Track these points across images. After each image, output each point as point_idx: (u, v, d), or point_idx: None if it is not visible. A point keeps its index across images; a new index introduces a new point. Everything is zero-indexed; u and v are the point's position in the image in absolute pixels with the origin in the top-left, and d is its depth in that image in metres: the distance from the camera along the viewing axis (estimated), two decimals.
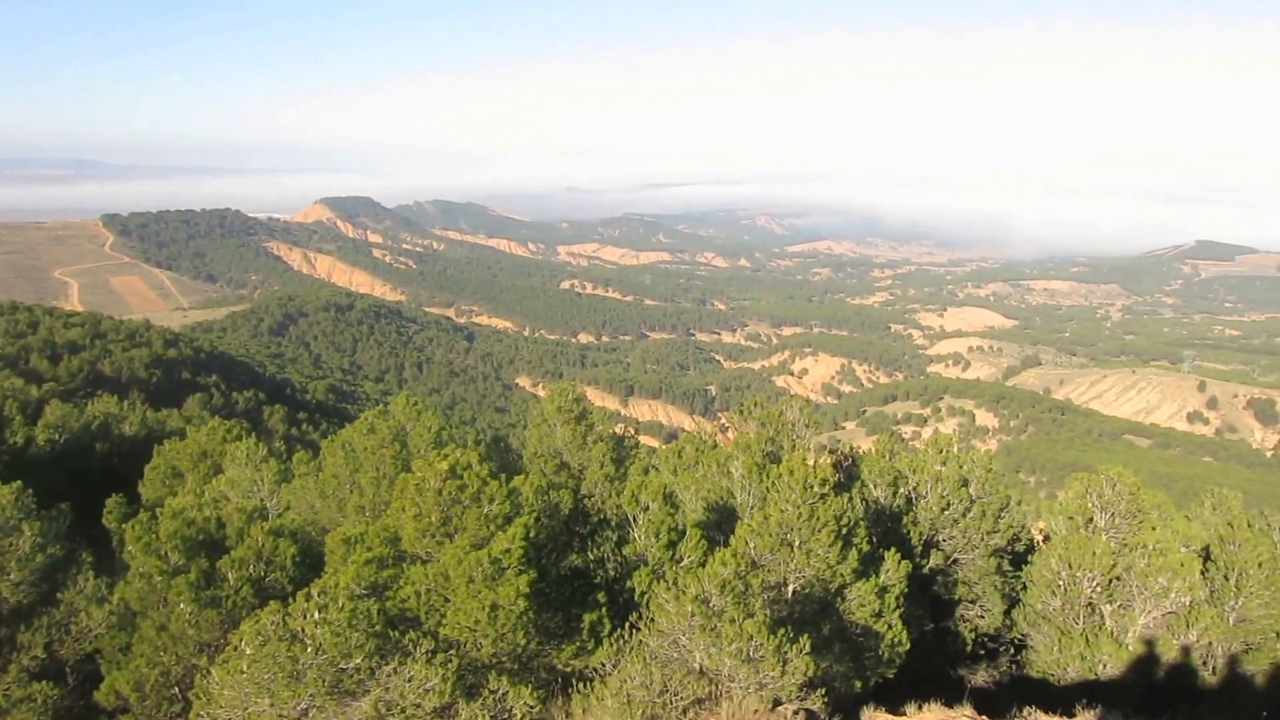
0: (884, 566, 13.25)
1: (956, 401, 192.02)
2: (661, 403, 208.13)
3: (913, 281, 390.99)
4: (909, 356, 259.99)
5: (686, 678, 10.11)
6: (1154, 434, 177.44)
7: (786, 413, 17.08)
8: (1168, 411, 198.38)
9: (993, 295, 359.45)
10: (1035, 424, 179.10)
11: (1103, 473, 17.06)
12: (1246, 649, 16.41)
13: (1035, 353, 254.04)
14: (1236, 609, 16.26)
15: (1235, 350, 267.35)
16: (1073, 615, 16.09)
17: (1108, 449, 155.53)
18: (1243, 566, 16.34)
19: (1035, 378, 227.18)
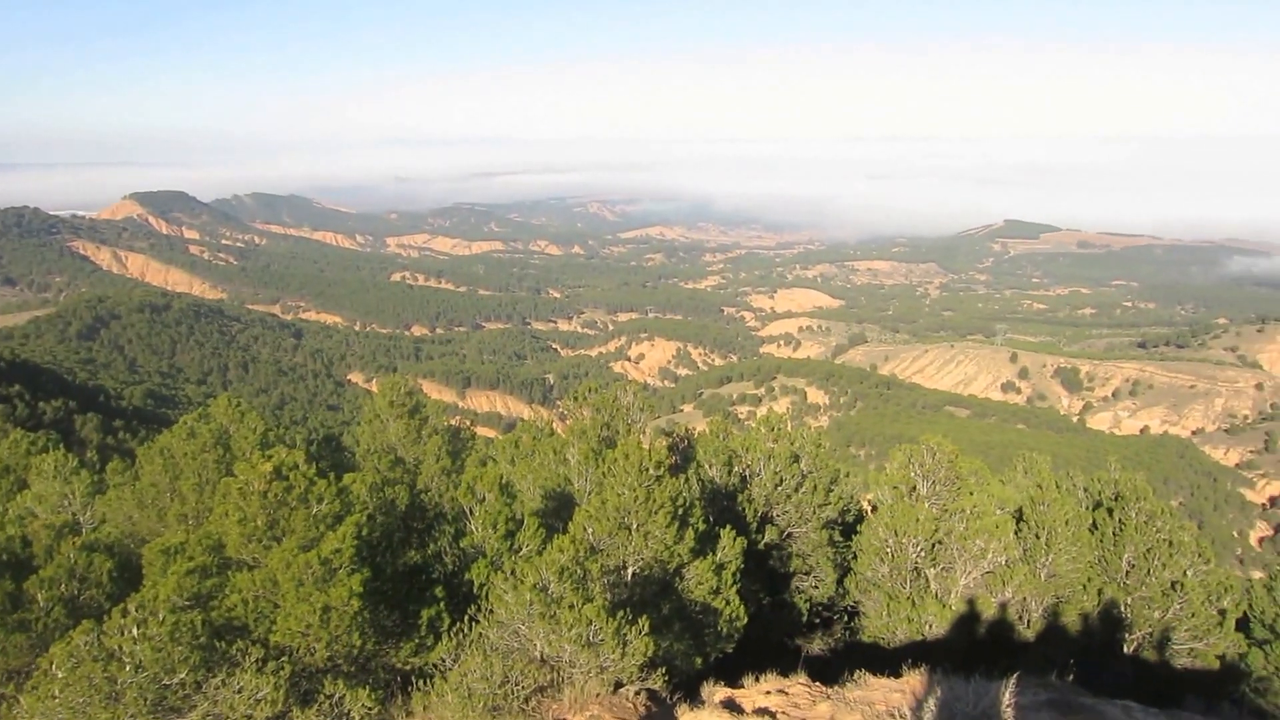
0: (720, 544, 13.50)
1: (789, 380, 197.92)
2: (499, 393, 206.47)
3: (744, 265, 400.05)
4: (742, 338, 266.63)
5: (528, 667, 10.07)
6: (972, 404, 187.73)
7: (621, 397, 17.21)
8: (984, 383, 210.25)
9: (820, 276, 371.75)
10: (863, 399, 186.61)
11: (923, 443, 17.81)
12: (1057, 602, 17.51)
13: (861, 331, 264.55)
14: (1048, 565, 17.34)
15: (1043, 323, 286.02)
16: (900, 580, 16.76)
17: (930, 420, 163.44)
18: (1052, 525, 17.45)
19: (862, 355, 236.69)
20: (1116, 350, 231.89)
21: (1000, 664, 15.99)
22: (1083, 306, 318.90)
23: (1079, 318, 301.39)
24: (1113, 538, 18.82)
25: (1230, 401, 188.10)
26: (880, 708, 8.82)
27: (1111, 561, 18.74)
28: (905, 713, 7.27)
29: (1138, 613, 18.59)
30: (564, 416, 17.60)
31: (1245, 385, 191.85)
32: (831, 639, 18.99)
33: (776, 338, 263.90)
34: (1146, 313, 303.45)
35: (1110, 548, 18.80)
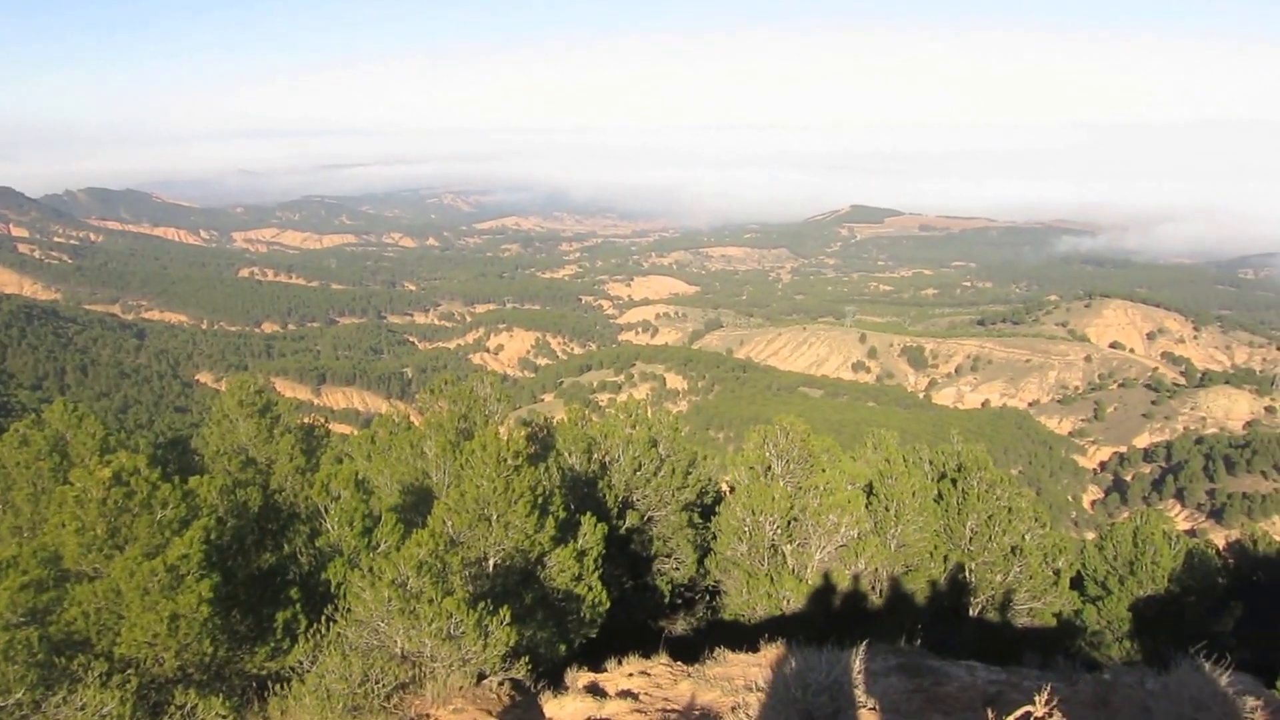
0: (582, 531, 13.59)
1: (648, 367, 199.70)
2: (356, 389, 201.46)
3: (600, 253, 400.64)
4: (601, 326, 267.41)
5: (389, 664, 9.94)
6: (825, 384, 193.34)
7: (478, 389, 17.07)
8: (835, 363, 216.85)
9: (676, 263, 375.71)
10: (721, 383, 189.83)
11: (777, 424, 18.24)
12: (906, 570, 18.25)
13: (717, 316, 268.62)
14: (897, 536, 18.06)
15: (889, 304, 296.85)
16: (758, 558, 17.15)
17: (786, 401, 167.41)
18: (900, 497, 18.17)
19: (718, 339, 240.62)
20: (958, 328, 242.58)
21: (855, 633, 16.63)
22: (926, 287, 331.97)
23: (922, 298, 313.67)
24: (957, 507, 19.74)
25: (1062, 374, 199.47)
26: (739, 682, 9.06)
27: (956, 529, 19.66)
28: (762, 686, 7.50)
29: (981, 577, 19.57)
30: (422, 410, 17.29)
31: (1075, 358, 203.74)
32: (694, 619, 19.32)
33: (635, 325, 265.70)
34: (984, 292, 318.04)
35: (955, 516, 19.71)
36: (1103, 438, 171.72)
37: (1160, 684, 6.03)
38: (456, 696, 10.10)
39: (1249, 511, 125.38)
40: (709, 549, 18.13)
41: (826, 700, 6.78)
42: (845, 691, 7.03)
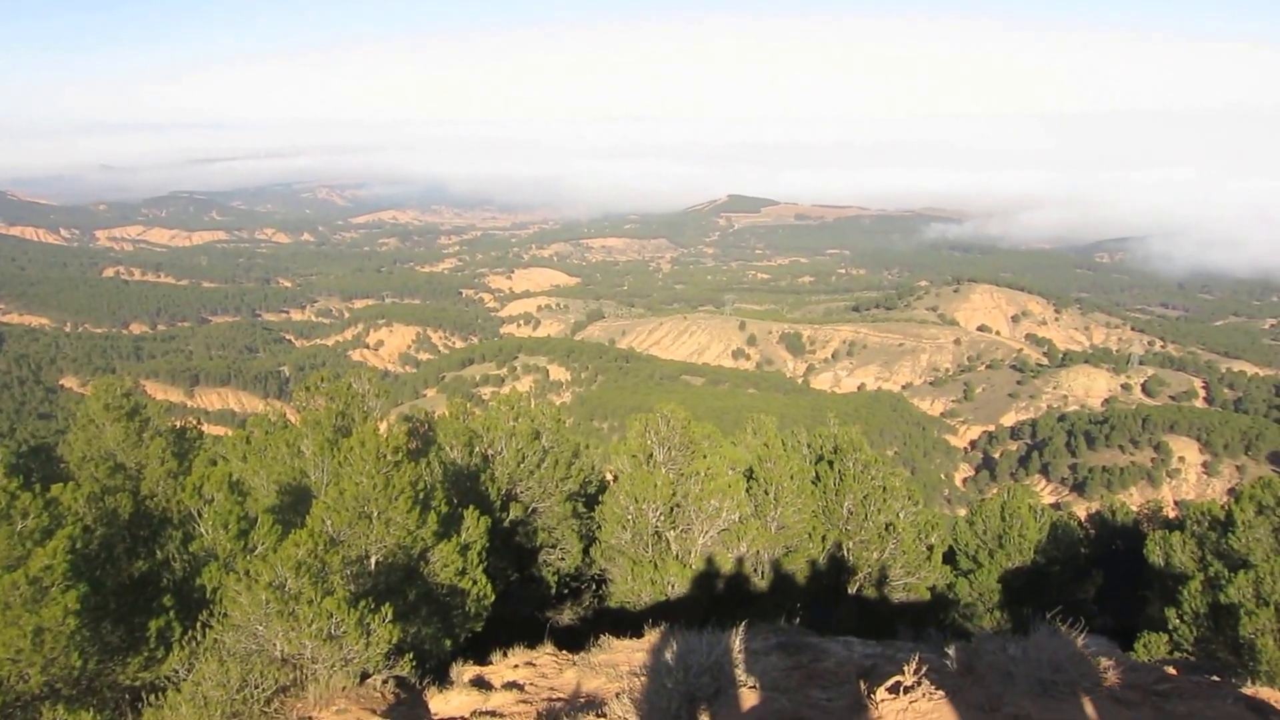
0: (465, 525, 13.48)
1: (531, 359, 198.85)
2: (232, 389, 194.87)
3: (480, 246, 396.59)
4: (482, 320, 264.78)
5: (268, 668, 9.70)
6: (706, 372, 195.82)
7: (355, 385, 16.72)
8: (716, 351, 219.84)
9: (556, 255, 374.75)
10: (604, 374, 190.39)
11: (658, 412, 18.42)
12: (787, 552, 18.65)
13: (599, 307, 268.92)
14: (777, 518, 18.43)
15: (767, 292, 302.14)
16: (642, 545, 17.30)
17: (668, 390, 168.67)
18: (779, 480, 18.55)
19: (601, 330, 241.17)
20: (834, 315, 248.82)
21: (738, 615, 16.95)
22: (802, 275, 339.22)
23: (799, 285, 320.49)
24: (834, 488, 20.26)
25: (934, 356, 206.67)
26: (624, 668, 9.16)
27: (834, 510, 20.19)
28: (645, 670, 7.62)
29: (858, 555, 20.16)
30: (299, 409, 16.86)
31: (946, 341, 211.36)
32: (581, 608, 19.39)
33: (517, 318, 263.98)
34: (858, 279, 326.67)
35: (832, 497, 20.23)
36: (972, 417, 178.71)
37: (1021, 649, 6.36)
38: (339, 697, 9.93)
39: (1108, 484, 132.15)
40: (594, 538, 18.18)
41: (708, 680, 6.93)
42: (726, 671, 7.19)
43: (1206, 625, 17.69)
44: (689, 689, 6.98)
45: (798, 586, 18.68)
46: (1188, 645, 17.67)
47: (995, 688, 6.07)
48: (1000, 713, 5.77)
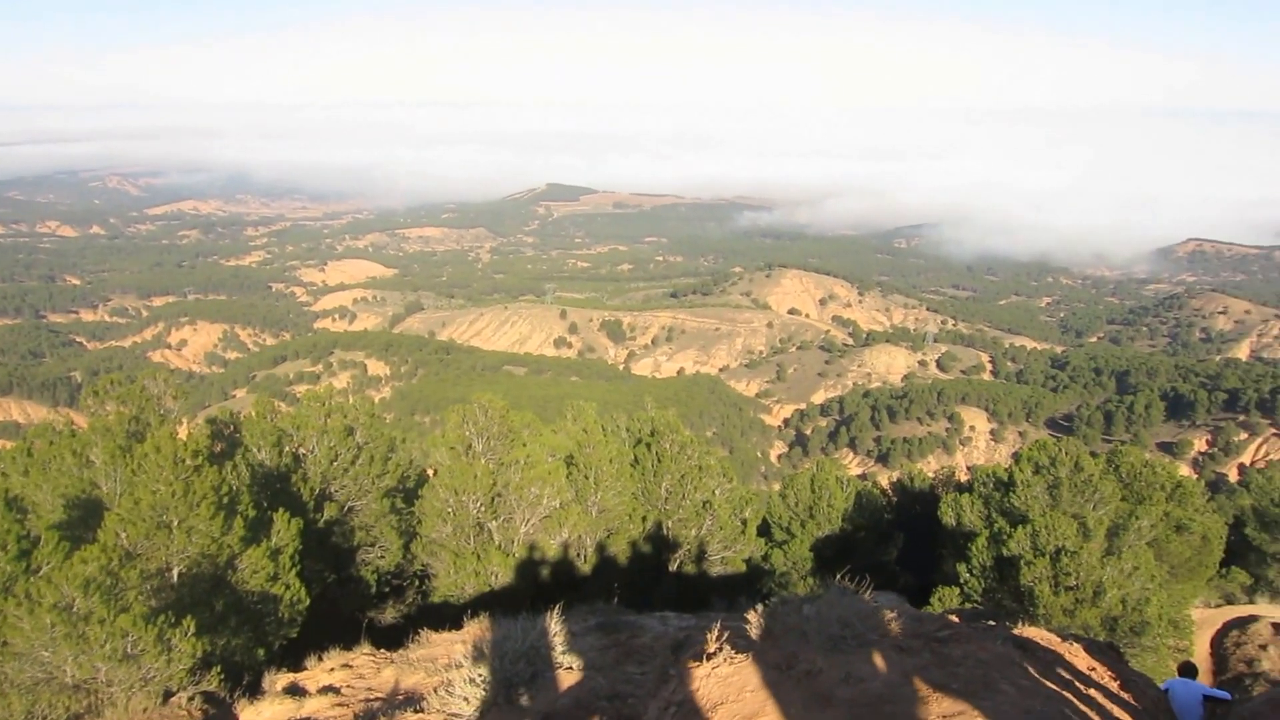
0: (275, 529, 13.04)
1: (347, 354, 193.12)
2: (14, 399, 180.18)
3: (290, 238, 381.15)
4: (295, 315, 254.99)
5: (58, 696, 9.12)
6: (529, 362, 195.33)
7: (150, 387, 15.81)
8: (538, 340, 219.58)
9: (371, 246, 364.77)
10: (424, 366, 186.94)
11: (476, 402, 18.30)
12: (609, 534, 18.93)
13: (417, 299, 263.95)
14: (597, 502, 18.69)
15: (587, 280, 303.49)
16: (464, 537, 17.18)
17: (491, 380, 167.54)
18: (599, 465, 18.81)
19: (420, 323, 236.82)
20: (653, 301, 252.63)
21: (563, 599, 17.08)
22: (621, 263, 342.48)
23: (619, 273, 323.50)
24: (652, 469, 20.69)
25: (749, 340, 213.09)
26: (443, 661, 9.10)
27: (653, 491, 20.61)
28: (463, 661, 7.58)
29: (678, 532, 20.67)
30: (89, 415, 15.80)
31: (759, 325, 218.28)
32: (405, 605, 19.12)
33: (331, 311, 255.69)
34: (676, 265, 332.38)
35: (651, 478, 20.66)
36: (785, 396, 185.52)
37: (814, 609, 6.70)
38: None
39: (909, 454, 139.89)
40: (415, 534, 17.96)
41: (524, 666, 6.98)
42: (543, 655, 7.26)
43: (993, 576, 19.06)
44: (506, 675, 7.02)
45: (620, 567, 18.99)
46: (977, 596, 18.96)
47: (791, 647, 6.37)
48: (795, 669, 6.07)
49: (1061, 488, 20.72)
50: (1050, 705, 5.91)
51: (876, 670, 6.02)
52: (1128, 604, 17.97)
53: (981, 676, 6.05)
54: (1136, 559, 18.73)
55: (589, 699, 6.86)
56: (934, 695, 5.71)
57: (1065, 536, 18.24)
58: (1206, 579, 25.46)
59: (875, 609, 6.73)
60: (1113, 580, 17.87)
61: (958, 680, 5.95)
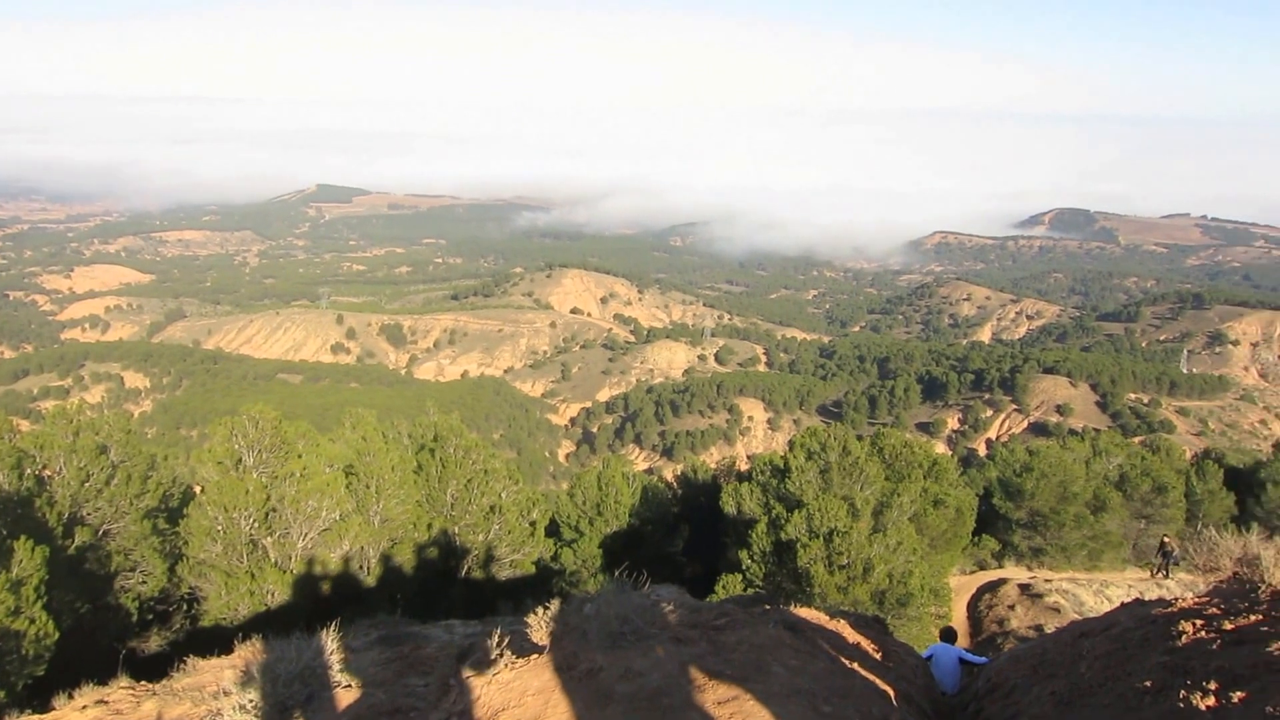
0: (16, 559, 11.97)
1: (101, 366, 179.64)
2: None
3: (29, 242, 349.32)
4: (38, 325, 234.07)
5: None
6: (305, 369, 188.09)
7: None
8: (314, 346, 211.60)
9: (125, 250, 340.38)
10: (190, 377, 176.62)
11: (245, 414, 17.44)
12: (393, 544, 18.46)
13: (179, 306, 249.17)
14: (380, 512, 18.19)
15: (364, 283, 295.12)
16: (236, 556, 16.32)
17: (264, 390, 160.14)
18: (380, 474, 18.29)
19: (183, 331, 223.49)
20: (434, 304, 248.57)
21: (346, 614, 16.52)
22: (399, 265, 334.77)
23: (397, 276, 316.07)
24: (437, 475, 20.35)
25: (532, 340, 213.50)
26: (211, 689, 8.58)
27: (438, 497, 20.28)
28: (232, 688, 7.18)
29: (465, 538, 20.42)
30: None
31: (542, 325, 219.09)
32: (171, 632, 18.02)
33: (80, 321, 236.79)
34: (456, 267, 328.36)
35: (436, 484, 20.32)
36: (571, 395, 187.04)
37: (594, 608, 6.77)
38: None
39: (692, 446, 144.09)
40: (181, 555, 16.93)
41: (299, 687, 6.69)
42: (319, 674, 6.98)
43: (773, 561, 19.89)
44: (279, 699, 6.71)
45: (407, 577, 18.58)
46: (759, 580, 19.74)
47: (572, 647, 6.41)
48: (577, 669, 6.11)
49: (832, 471, 21.86)
50: (817, 682, 6.22)
51: (655, 663, 6.14)
52: (894, 578, 19.13)
53: (755, 660, 6.29)
54: (900, 535, 20.00)
55: (369, 715, 6.64)
56: (710, 683, 5.88)
57: (837, 518, 19.24)
58: (961, 548, 27.47)
59: (654, 603, 6.87)
60: (880, 556, 18.99)
61: (732, 666, 6.16)
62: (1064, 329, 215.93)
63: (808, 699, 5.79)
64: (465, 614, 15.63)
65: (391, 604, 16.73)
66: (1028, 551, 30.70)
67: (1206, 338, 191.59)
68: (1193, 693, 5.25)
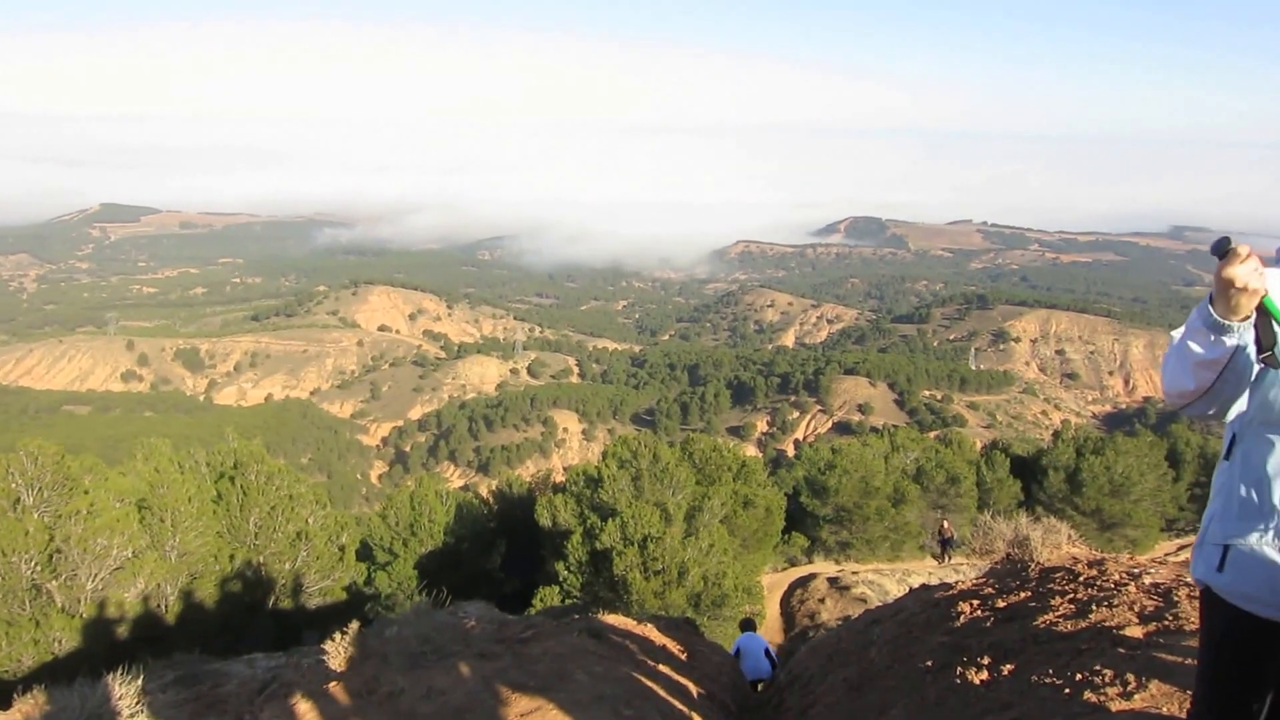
0: None
1: None
2: None
3: None
4: None
5: None
6: (93, 399, 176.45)
7: None
8: (103, 375, 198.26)
9: None
10: None
11: (22, 450, 16.35)
12: (193, 579, 17.61)
13: None
14: (177, 546, 17.31)
15: (156, 307, 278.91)
16: (17, 603, 15.26)
17: (49, 423, 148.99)
18: (175, 506, 17.41)
19: None
20: (233, 326, 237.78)
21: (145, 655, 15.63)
22: (194, 286, 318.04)
23: (192, 298, 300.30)
24: (238, 504, 19.55)
25: (339, 360, 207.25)
26: None
27: (240, 526, 19.47)
28: None
29: (272, 568, 19.67)
30: None
31: (349, 344, 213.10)
32: None
33: None
34: (255, 287, 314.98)
35: (237, 513, 19.51)
36: (382, 415, 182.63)
37: (395, 630, 6.68)
38: None
39: (508, 461, 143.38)
40: None
41: None
42: None
43: (589, 571, 20.08)
44: None
45: (209, 612, 17.81)
46: (576, 591, 19.89)
47: (373, 671, 6.31)
48: (377, 693, 6.02)
49: (644, 479, 22.26)
50: (620, 686, 6.35)
51: (458, 681, 6.11)
52: (708, 579, 19.64)
53: (558, 670, 6.36)
54: (712, 537, 20.56)
55: None
56: (513, 696, 5.91)
57: (650, 524, 19.60)
58: (772, 546, 28.50)
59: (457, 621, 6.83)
60: (694, 559, 19.46)
61: (535, 678, 6.20)
62: (862, 331, 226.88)
63: (610, 704, 5.90)
64: (272, 646, 15.09)
65: (194, 641, 15.96)
66: (835, 546, 32.10)
67: (991, 336, 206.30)
68: (968, 669, 5.64)
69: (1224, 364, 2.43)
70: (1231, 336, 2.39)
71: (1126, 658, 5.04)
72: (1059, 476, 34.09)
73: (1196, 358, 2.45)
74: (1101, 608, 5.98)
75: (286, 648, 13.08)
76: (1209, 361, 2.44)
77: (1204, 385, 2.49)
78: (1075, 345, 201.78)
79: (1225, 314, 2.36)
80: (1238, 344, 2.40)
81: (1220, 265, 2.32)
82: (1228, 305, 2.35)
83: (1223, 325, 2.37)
